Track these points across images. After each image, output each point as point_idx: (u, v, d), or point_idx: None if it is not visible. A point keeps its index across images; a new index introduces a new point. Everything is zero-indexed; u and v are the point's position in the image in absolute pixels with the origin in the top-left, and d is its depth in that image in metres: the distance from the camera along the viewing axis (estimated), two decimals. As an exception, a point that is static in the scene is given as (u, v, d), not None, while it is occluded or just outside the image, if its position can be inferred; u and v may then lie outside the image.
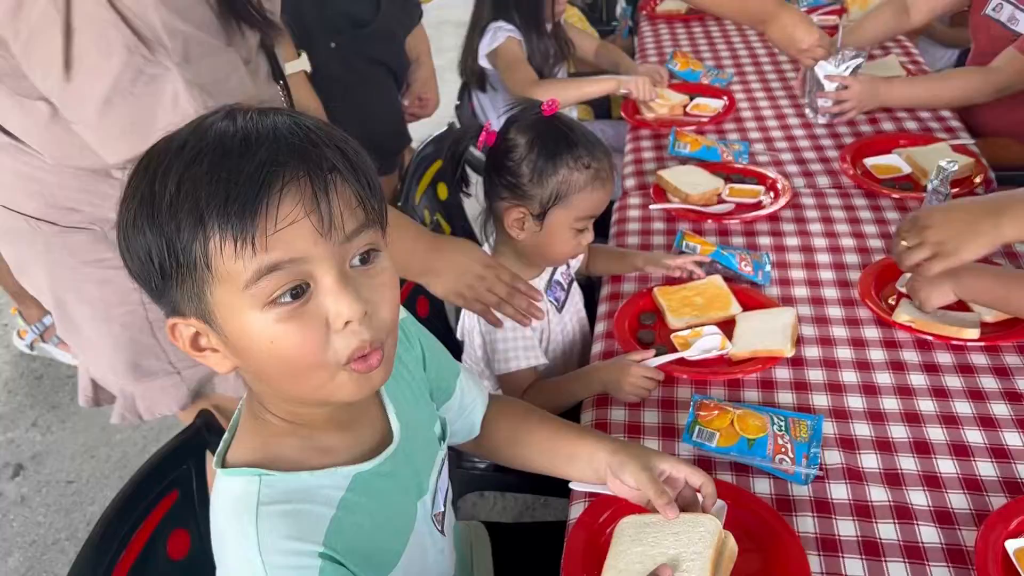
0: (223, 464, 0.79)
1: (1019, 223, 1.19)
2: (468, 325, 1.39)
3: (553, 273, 1.44)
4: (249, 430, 0.80)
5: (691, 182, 1.74)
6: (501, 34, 2.19)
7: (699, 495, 0.97)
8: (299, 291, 0.68)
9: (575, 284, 1.52)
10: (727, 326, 1.35)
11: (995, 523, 0.99)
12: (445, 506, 0.96)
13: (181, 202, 0.64)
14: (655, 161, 1.91)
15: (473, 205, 1.54)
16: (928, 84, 2.02)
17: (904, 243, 1.26)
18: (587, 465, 1.02)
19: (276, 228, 0.65)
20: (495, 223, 1.38)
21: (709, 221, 1.66)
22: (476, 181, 1.41)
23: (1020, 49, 1.93)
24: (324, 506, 0.77)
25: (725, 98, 2.13)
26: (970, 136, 1.91)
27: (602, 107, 2.68)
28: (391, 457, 0.83)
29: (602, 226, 1.71)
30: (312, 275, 0.68)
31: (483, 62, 2.26)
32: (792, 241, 1.59)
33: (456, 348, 1.43)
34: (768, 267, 1.50)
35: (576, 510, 1.07)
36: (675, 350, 1.30)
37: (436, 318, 1.58)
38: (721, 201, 1.72)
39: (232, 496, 0.76)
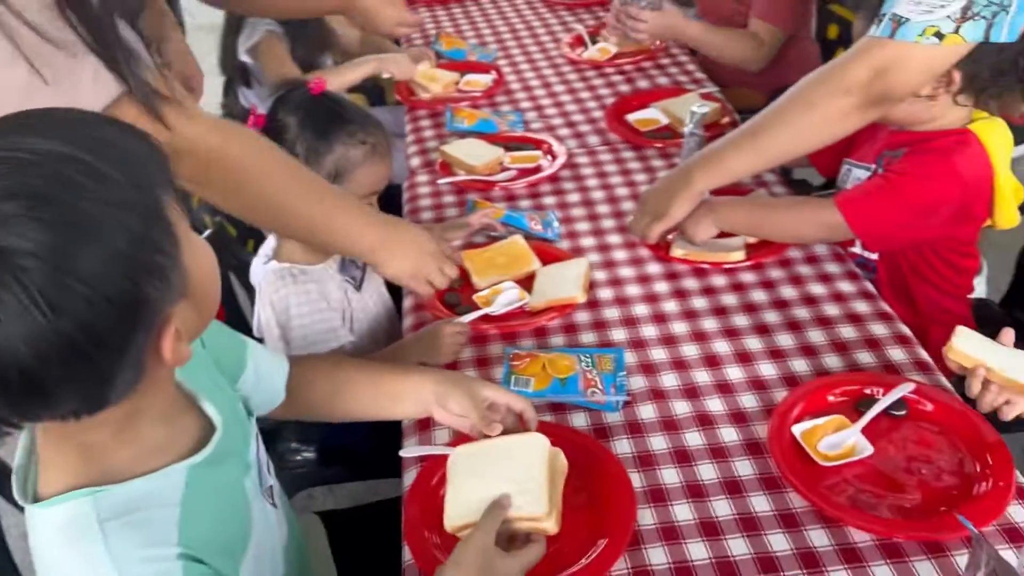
0: (36, 499, 0.73)
1: (704, 173, 1.38)
2: (264, 319, 1.35)
3: (346, 253, 1.43)
4: (62, 457, 0.73)
5: (473, 154, 1.78)
6: (260, 28, 2.13)
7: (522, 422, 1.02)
8: None
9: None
10: (530, 281, 1.41)
11: (781, 414, 1.11)
12: (272, 478, 0.94)
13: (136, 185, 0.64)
14: (436, 139, 1.94)
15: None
16: (722, 38, 2.22)
17: (632, 217, 1.47)
18: (414, 401, 1.04)
19: None
20: (280, 210, 1.35)
21: (496, 188, 1.72)
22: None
23: (761, 16, 2.16)
24: (167, 508, 0.74)
25: (493, 72, 2.20)
26: (715, 85, 2.10)
27: (376, 94, 2.67)
28: (218, 444, 0.80)
29: (395, 207, 1.72)
30: None
31: (244, 57, 2.18)
32: (574, 197, 1.68)
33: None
34: (556, 223, 1.58)
35: (409, 477, 1.08)
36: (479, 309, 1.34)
37: (237, 322, 1.52)
38: (504, 169, 1.78)
39: (60, 525, 0.71)
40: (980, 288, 2.24)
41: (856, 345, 1.25)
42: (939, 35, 1.15)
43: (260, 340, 1.39)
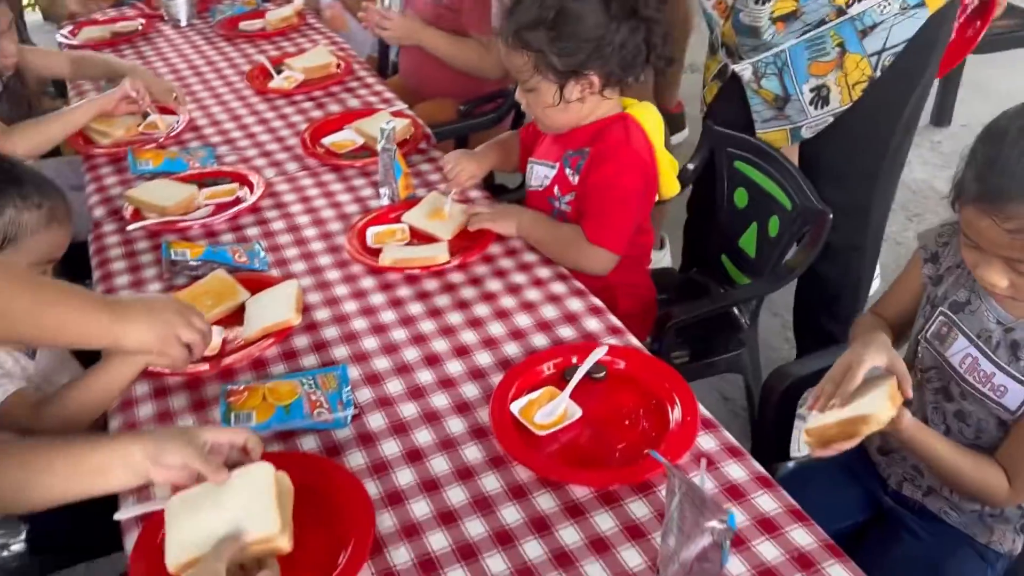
0: None
1: None
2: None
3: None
4: None
5: (164, 195, 1.70)
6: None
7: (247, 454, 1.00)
8: None
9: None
10: (241, 313, 1.37)
11: (499, 396, 1.18)
12: None
13: None
14: (120, 185, 1.82)
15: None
16: (454, 46, 2.33)
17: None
18: (124, 469, 0.96)
19: None
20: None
21: (195, 227, 1.65)
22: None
23: (472, 28, 2.27)
24: None
25: (183, 113, 2.09)
26: (406, 104, 2.17)
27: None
28: None
29: (77, 266, 1.59)
30: None
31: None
32: (279, 225, 1.66)
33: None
34: (262, 253, 1.55)
35: (131, 539, 1.00)
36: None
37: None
38: (200, 207, 1.71)
39: None
40: (666, 259, 2.53)
41: (558, 322, 1.36)
42: None
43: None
